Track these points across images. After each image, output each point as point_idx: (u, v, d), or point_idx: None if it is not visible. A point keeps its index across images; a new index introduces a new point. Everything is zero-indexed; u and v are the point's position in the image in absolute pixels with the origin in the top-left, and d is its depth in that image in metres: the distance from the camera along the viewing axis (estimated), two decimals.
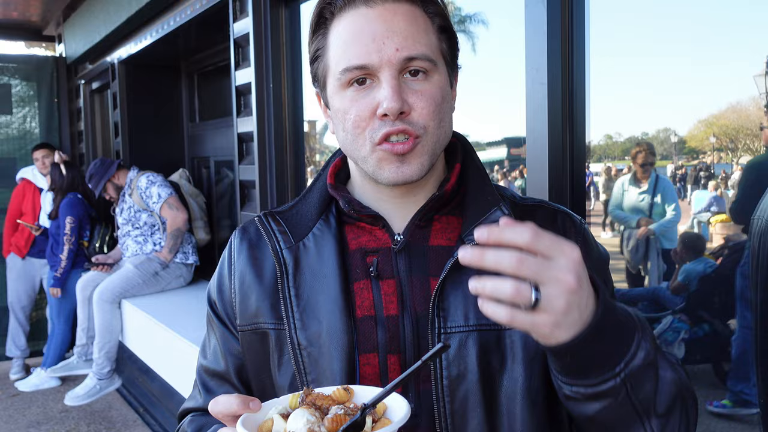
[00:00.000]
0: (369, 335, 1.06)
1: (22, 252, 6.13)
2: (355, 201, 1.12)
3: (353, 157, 1.10)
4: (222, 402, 0.88)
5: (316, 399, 0.88)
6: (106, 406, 5.29)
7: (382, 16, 1.01)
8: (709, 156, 2.10)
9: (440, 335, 1.03)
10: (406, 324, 1.06)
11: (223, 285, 1.20)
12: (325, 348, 1.05)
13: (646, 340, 0.90)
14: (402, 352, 1.05)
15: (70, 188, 5.74)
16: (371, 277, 1.09)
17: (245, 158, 3.77)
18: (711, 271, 2.18)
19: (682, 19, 2.04)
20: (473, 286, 0.79)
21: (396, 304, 1.07)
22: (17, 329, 6.26)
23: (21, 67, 7.05)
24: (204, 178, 5.97)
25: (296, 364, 1.06)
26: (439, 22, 1.07)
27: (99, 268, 5.36)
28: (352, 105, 1.04)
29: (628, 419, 0.92)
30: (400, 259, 1.09)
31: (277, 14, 3.45)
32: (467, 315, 1.04)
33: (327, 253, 1.10)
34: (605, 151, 2.29)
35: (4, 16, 6.95)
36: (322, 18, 1.08)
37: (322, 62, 1.09)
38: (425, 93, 1.03)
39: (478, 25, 2.58)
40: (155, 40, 4.91)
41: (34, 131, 7.06)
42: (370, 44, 1.00)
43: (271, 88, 3.46)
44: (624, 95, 2.20)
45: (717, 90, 1.99)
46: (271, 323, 1.11)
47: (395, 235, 1.11)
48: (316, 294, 1.08)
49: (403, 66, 1.01)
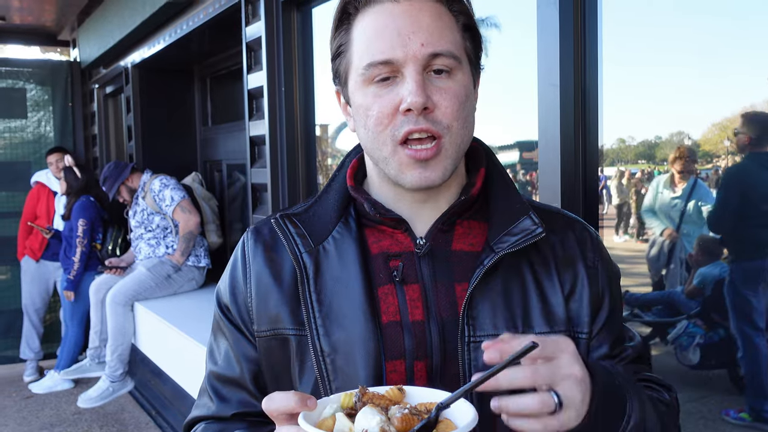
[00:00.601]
0: (396, 341, 1.04)
1: (36, 255, 6.17)
2: (379, 204, 1.11)
3: (374, 157, 1.09)
4: (278, 399, 0.85)
5: (372, 398, 0.86)
6: (118, 409, 5.31)
7: (407, 11, 1.01)
8: (724, 159, 2.08)
9: (469, 344, 1.03)
10: (432, 330, 1.05)
11: (236, 288, 1.16)
12: (351, 355, 1.03)
13: (635, 399, 0.97)
14: (429, 357, 1.04)
15: (83, 191, 5.78)
16: (395, 282, 1.07)
17: (257, 161, 3.78)
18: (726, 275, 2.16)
19: (697, 19, 2.02)
20: (496, 405, 0.82)
21: (421, 309, 1.06)
22: (31, 332, 6.31)
23: (36, 71, 7.11)
24: (216, 182, 5.99)
25: (319, 371, 1.04)
26: (463, 21, 1.06)
27: (112, 271, 5.38)
28: (375, 101, 1.03)
29: None
30: (424, 263, 1.08)
31: (289, 18, 3.46)
32: (496, 324, 1.04)
33: (349, 258, 1.08)
34: (618, 155, 2.27)
35: (19, 22, 7.01)
36: (346, 13, 1.07)
37: (344, 58, 1.08)
38: (449, 91, 1.02)
39: (490, 27, 2.57)
40: (168, 44, 4.94)
41: (49, 135, 7.11)
42: (395, 39, 1.00)
43: (283, 91, 3.47)
44: (637, 98, 2.19)
45: (731, 93, 1.97)
46: (291, 329, 1.09)
47: (418, 239, 1.10)
48: (339, 299, 1.06)
49: (427, 62, 1.00)
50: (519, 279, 1.09)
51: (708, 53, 2.00)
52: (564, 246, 1.15)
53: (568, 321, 1.10)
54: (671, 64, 2.09)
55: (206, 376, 1.21)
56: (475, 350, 1.03)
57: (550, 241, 1.13)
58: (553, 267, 1.12)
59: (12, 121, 6.94)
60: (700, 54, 2.02)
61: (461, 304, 1.05)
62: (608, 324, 1.15)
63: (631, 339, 1.21)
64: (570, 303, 1.11)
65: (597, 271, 1.15)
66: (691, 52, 2.04)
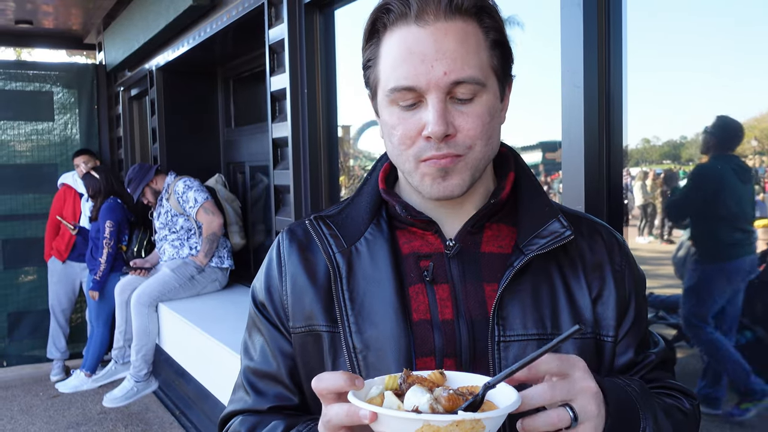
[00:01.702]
0: (426, 339, 1.07)
1: (62, 256, 6.25)
2: (411, 206, 1.13)
3: (400, 168, 1.12)
4: (327, 378, 0.87)
5: (416, 380, 0.89)
6: (143, 408, 5.36)
7: (433, 35, 1.00)
8: (750, 159, 2.05)
9: (499, 343, 1.05)
10: (461, 328, 1.07)
11: (272, 286, 1.19)
12: (382, 352, 1.06)
13: (648, 410, 1.00)
14: (458, 355, 1.06)
15: (110, 192, 5.84)
16: (425, 282, 1.10)
17: (280, 163, 3.80)
18: (754, 276, 2.13)
19: (723, 18, 2.00)
20: (520, 427, 0.87)
21: (451, 308, 1.08)
22: (57, 332, 6.39)
23: (62, 75, 7.21)
24: (239, 183, 6.03)
25: (351, 367, 1.07)
26: (493, 37, 1.05)
27: (136, 272, 5.44)
28: (399, 122, 1.05)
29: None
30: (454, 264, 1.10)
31: (312, 20, 3.47)
32: (525, 324, 1.06)
33: (381, 258, 1.11)
34: (642, 155, 2.24)
35: (46, 26, 7.12)
36: (375, 28, 1.08)
37: (373, 72, 1.10)
38: (472, 114, 1.02)
39: (514, 27, 2.56)
40: (192, 47, 4.98)
41: (75, 137, 7.21)
42: (419, 66, 1.00)
43: (305, 93, 3.48)
44: (662, 97, 2.17)
45: (757, 93, 1.94)
46: (325, 326, 1.11)
47: (447, 241, 1.12)
48: (370, 298, 1.09)
49: (450, 89, 1.01)
50: (548, 281, 1.10)
51: (733, 54, 1.98)
52: (592, 250, 1.16)
53: (594, 323, 1.11)
54: (696, 64, 2.07)
55: (241, 371, 1.24)
56: (505, 350, 1.05)
57: (578, 245, 1.15)
58: (581, 270, 1.13)
59: (39, 124, 7.04)
60: (725, 54, 2.00)
61: (490, 304, 1.07)
62: (634, 328, 1.16)
63: (656, 344, 1.23)
64: (597, 306, 1.12)
65: (624, 276, 1.17)
66: (717, 52, 2.01)
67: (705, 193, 2.20)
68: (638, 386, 1.05)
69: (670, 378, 1.21)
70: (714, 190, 2.18)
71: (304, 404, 1.17)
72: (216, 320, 4.46)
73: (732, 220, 2.15)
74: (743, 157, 2.08)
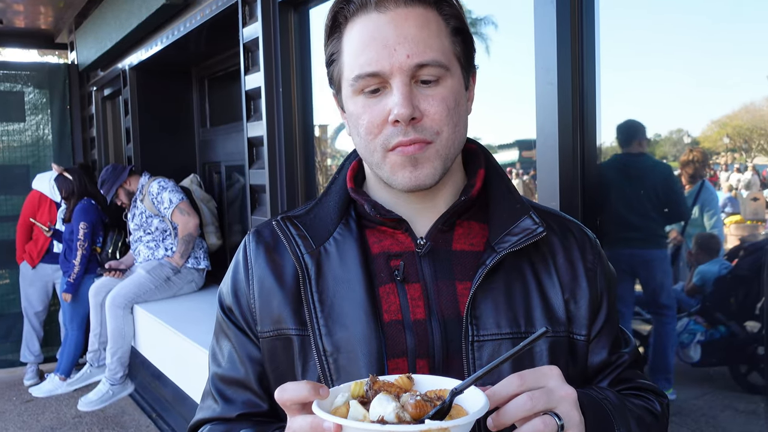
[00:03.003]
0: (398, 340, 1.05)
1: (33, 261, 6.15)
2: (380, 205, 1.11)
3: (368, 161, 1.10)
4: (291, 389, 0.85)
5: (383, 387, 0.87)
6: (119, 412, 5.30)
7: (393, 21, 1.01)
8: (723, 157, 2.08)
9: (473, 342, 1.04)
10: (434, 328, 1.06)
11: (239, 290, 1.17)
12: (353, 354, 1.04)
13: (621, 421, 1.02)
14: (431, 356, 1.05)
15: (84, 193, 5.76)
16: (396, 281, 1.09)
17: (255, 163, 3.78)
18: (726, 272, 2.16)
19: (695, 17, 2.02)
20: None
21: (423, 308, 1.07)
22: (31, 335, 6.29)
23: (34, 74, 7.10)
24: (215, 183, 5.99)
25: (322, 371, 1.05)
26: (453, 24, 1.06)
27: (111, 273, 5.37)
28: (365, 111, 1.04)
29: None
30: (425, 263, 1.09)
31: (287, 19, 3.46)
32: (499, 323, 1.05)
33: (350, 258, 1.09)
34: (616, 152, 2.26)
35: (17, 25, 7.01)
36: (336, 22, 1.08)
37: (336, 66, 1.09)
38: (437, 97, 1.02)
39: (488, 26, 2.57)
40: (166, 46, 4.94)
41: (47, 138, 7.11)
42: (381, 51, 1.00)
43: (280, 92, 3.47)
44: (636, 95, 2.19)
45: (730, 90, 1.97)
46: (294, 329, 1.09)
47: (418, 239, 1.11)
48: (340, 300, 1.07)
49: (414, 72, 1.01)
50: (520, 278, 1.10)
51: (705, 52, 2.00)
52: (564, 247, 1.16)
53: (567, 322, 1.11)
54: (670, 61, 2.09)
55: (209, 378, 1.21)
56: (479, 349, 1.04)
57: (550, 242, 1.14)
58: (553, 267, 1.13)
59: (10, 125, 6.93)
60: (699, 52, 2.02)
61: (463, 303, 1.06)
62: (606, 327, 1.16)
63: (627, 343, 1.22)
64: (569, 305, 1.12)
65: (596, 274, 1.16)
66: (690, 50, 2.04)
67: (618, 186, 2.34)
68: (613, 397, 1.05)
69: (641, 377, 1.21)
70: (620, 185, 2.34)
71: (274, 410, 1.14)
72: (192, 322, 4.42)
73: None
74: (716, 154, 2.11)
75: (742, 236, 2.19)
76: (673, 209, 2.33)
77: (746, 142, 2.01)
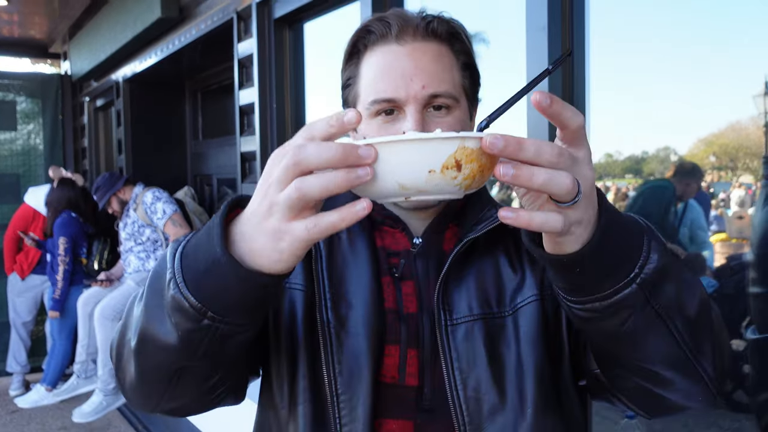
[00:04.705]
0: (394, 328, 1.11)
1: (24, 273, 6.12)
2: (379, 205, 1.18)
3: None
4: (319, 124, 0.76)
5: None
6: (105, 424, 5.27)
7: (411, 54, 1.09)
8: (709, 175, 2.11)
9: (447, 327, 1.08)
10: (424, 321, 1.11)
11: None
12: (355, 332, 1.08)
13: (657, 242, 0.83)
14: (420, 348, 1.10)
15: (66, 206, 5.74)
16: (394, 277, 1.15)
17: (248, 177, 3.79)
18: (712, 290, 2.19)
19: (683, 38, 2.06)
20: (509, 173, 0.69)
21: (415, 303, 1.13)
22: (18, 345, 6.24)
23: (26, 84, 7.10)
24: (206, 196, 5.99)
25: (324, 341, 1.09)
26: (463, 59, 1.15)
27: (100, 283, 5.36)
28: (379, 132, 1.11)
29: (654, 328, 0.85)
30: (419, 261, 1.15)
31: (282, 35, 3.49)
32: (471, 305, 1.09)
33: (359, 247, 1.16)
34: (605, 170, 2.30)
35: (10, 34, 7.02)
36: (356, 49, 1.15)
37: (353, 90, 1.16)
38: (445, 125, 1.10)
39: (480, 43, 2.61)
40: (160, 59, 4.96)
41: (39, 148, 7.09)
42: (398, 80, 1.08)
43: (274, 108, 3.49)
44: (624, 114, 2.22)
45: (717, 109, 2.00)
46: (300, 286, 1.13)
47: (414, 239, 1.17)
48: (347, 281, 1.13)
49: (427, 102, 1.08)
50: (493, 263, 1.14)
51: (694, 71, 2.04)
52: None
53: (541, 285, 1.11)
54: (657, 81, 2.13)
55: None
56: (452, 333, 1.08)
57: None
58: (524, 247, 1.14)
59: (1, 134, 6.92)
60: (687, 71, 2.06)
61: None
62: None
63: None
64: (542, 273, 1.13)
65: None
66: (678, 70, 2.07)
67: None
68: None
69: None
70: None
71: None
72: None
73: None
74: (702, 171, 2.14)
75: (727, 254, 2.22)
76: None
77: (732, 161, 2.05)
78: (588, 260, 0.77)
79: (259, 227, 0.75)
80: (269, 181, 0.73)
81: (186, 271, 0.82)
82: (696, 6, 2.04)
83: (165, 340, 0.87)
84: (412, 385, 1.09)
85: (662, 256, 0.82)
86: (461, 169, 0.69)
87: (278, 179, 0.72)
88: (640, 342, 0.87)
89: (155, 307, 0.87)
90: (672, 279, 0.84)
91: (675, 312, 0.85)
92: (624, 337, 0.86)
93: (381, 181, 0.69)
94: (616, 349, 0.92)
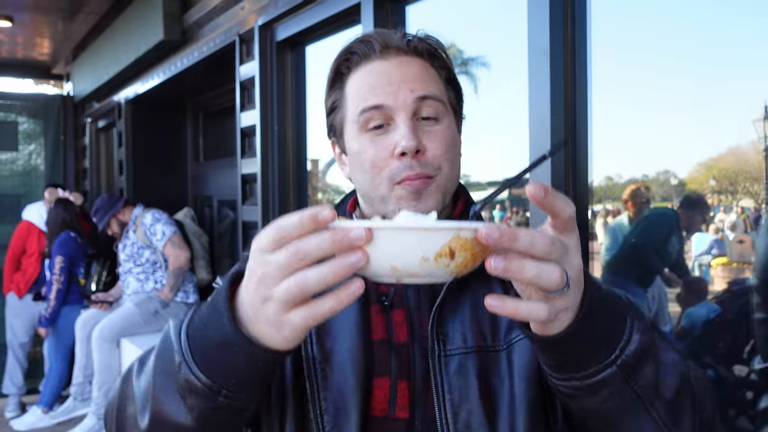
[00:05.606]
0: (383, 359, 1.07)
1: (21, 292, 6.10)
2: None
3: (372, 197, 1.13)
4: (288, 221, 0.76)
5: None
6: None
7: (397, 66, 1.09)
8: (709, 198, 2.11)
9: (440, 358, 1.05)
10: (416, 351, 1.08)
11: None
12: (341, 366, 1.05)
13: (640, 322, 0.85)
14: (412, 379, 1.06)
15: (64, 226, 5.73)
16: (383, 305, 1.12)
17: (248, 199, 3.79)
18: (714, 315, 2.18)
19: (683, 63, 2.07)
20: (499, 267, 0.70)
21: (406, 332, 1.09)
22: (15, 366, 6.20)
23: (29, 104, 7.14)
24: (206, 217, 5.99)
25: (309, 378, 1.06)
26: (445, 75, 1.14)
27: (98, 305, 5.33)
28: (370, 146, 1.09)
29: (633, 408, 0.87)
30: (410, 290, 1.12)
31: (284, 58, 3.51)
32: (465, 336, 1.06)
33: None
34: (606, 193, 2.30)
35: (13, 54, 7.06)
36: (339, 74, 1.14)
37: (339, 113, 1.15)
38: (437, 134, 1.08)
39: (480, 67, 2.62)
40: (162, 81, 4.98)
41: (40, 168, 7.11)
42: (386, 87, 1.07)
43: (276, 130, 3.50)
44: (625, 137, 2.23)
45: (717, 133, 2.01)
46: None
47: None
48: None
49: (417, 108, 1.07)
50: (488, 293, 1.10)
51: (694, 95, 2.05)
52: None
53: None
54: (658, 105, 2.13)
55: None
56: (446, 365, 1.05)
57: None
58: None
59: (2, 154, 6.94)
60: (687, 95, 2.06)
61: None
62: None
63: None
64: None
65: None
66: (678, 93, 2.08)
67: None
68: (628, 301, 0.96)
69: None
70: None
71: None
72: None
73: None
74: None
75: (729, 278, 2.21)
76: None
77: (732, 185, 2.05)
78: (572, 341, 0.80)
79: (257, 316, 0.78)
80: (258, 275, 0.75)
81: (195, 351, 0.84)
82: (695, 32, 2.05)
83: (180, 421, 0.88)
84: (402, 417, 1.05)
85: (644, 335, 0.84)
86: (454, 257, 0.70)
87: (270, 274, 0.73)
88: (619, 421, 0.90)
89: (166, 388, 0.89)
90: (651, 360, 0.87)
91: (653, 393, 0.87)
92: (604, 416, 0.89)
93: (374, 262, 0.70)
94: (597, 426, 0.94)
